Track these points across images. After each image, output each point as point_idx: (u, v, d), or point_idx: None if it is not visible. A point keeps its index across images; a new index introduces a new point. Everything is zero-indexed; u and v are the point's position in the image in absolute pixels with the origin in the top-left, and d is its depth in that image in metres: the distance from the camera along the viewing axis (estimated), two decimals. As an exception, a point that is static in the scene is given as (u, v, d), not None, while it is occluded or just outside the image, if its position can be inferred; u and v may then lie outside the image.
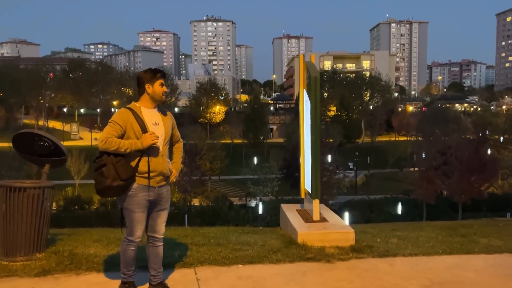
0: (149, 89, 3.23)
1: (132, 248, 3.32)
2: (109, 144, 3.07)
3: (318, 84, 5.26)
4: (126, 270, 3.40)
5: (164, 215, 3.41)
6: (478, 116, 72.16)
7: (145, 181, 3.19)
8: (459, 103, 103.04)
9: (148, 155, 3.18)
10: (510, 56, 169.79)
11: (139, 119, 3.17)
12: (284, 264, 4.35)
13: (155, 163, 3.21)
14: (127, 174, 3.10)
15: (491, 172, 29.16)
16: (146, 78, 3.22)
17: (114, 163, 3.09)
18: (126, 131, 3.15)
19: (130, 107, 3.23)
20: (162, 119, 3.31)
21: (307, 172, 5.77)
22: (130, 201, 3.19)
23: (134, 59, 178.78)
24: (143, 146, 3.12)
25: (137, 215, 3.22)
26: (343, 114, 70.89)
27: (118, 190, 3.13)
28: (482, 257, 4.78)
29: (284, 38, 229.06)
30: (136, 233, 3.26)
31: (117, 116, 3.17)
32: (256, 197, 36.14)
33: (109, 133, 3.10)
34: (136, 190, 3.18)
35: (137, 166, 3.16)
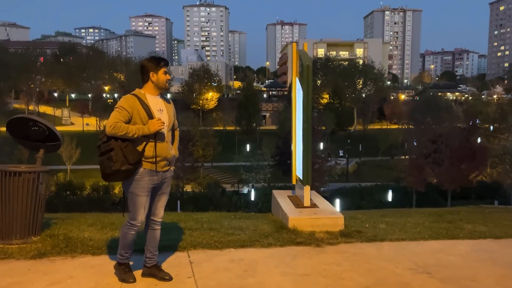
0: (153, 78, 3.30)
1: (133, 232, 3.39)
2: (118, 128, 3.13)
3: (311, 72, 5.33)
4: (124, 252, 3.47)
5: (164, 199, 3.50)
6: (469, 105, 72.64)
7: (151, 166, 3.27)
8: (451, 92, 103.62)
9: (154, 140, 3.27)
10: (502, 46, 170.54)
11: (145, 105, 3.24)
12: (275, 248, 4.48)
13: (161, 148, 3.29)
14: (135, 158, 3.18)
15: (481, 161, 29.52)
16: (150, 66, 3.30)
17: (122, 148, 3.16)
18: (133, 117, 3.21)
19: (136, 94, 3.29)
20: (165, 106, 3.40)
21: (298, 159, 5.87)
22: (136, 185, 3.26)
23: (126, 44, 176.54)
24: (150, 131, 3.20)
25: (142, 199, 3.29)
26: (336, 102, 71.01)
27: (126, 174, 3.20)
28: (467, 242, 4.94)
29: (278, 25, 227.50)
30: (139, 217, 3.33)
31: (124, 102, 3.22)
32: (248, 184, 36.35)
33: (117, 118, 3.16)
34: (142, 174, 3.25)
35: (143, 150, 3.24)
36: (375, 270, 3.87)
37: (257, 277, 3.65)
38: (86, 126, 63.02)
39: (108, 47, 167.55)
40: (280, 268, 3.86)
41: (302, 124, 5.49)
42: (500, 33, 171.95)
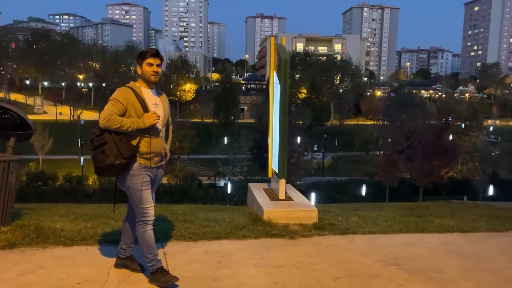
0: (139, 70, 3.23)
1: (150, 228, 3.23)
2: (112, 121, 3.03)
3: (288, 67, 5.37)
4: (151, 256, 3.23)
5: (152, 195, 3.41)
6: (442, 103, 74.52)
7: (145, 161, 3.19)
8: (425, 90, 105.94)
9: (149, 135, 3.18)
10: (475, 46, 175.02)
11: (140, 98, 3.16)
12: (249, 239, 4.52)
13: (156, 144, 3.21)
14: (129, 152, 3.08)
15: (452, 157, 30.37)
16: (138, 60, 3.23)
17: (116, 141, 3.06)
18: (128, 110, 3.12)
19: (130, 86, 3.21)
20: (162, 100, 3.33)
21: (275, 152, 5.92)
22: (135, 180, 3.16)
23: (102, 32, 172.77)
24: (145, 125, 3.11)
25: (146, 192, 3.19)
26: (314, 97, 71.63)
27: (119, 168, 3.10)
28: (435, 236, 5.11)
29: (258, 18, 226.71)
30: (149, 211, 3.20)
31: (119, 95, 3.13)
32: (225, 177, 36.34)
33: (111, 111, 3.06)
34: (139, 169, 3.16)
35: (138, 145, 3.15)
36: (346, 262, 3.97)
37: (231, 268, 3.68)
38: (60, 115, 61.53)
39: (83, 35, 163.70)
40: (254, 260, 3.91)
41: (279, 118, 5.53)
42: (474, 33, 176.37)
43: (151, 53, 3.21)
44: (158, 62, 3.21)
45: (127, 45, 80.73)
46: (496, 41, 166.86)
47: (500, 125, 74.37)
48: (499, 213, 6.95)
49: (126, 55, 77.84)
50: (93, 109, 68.64)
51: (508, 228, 5.65)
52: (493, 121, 78.40)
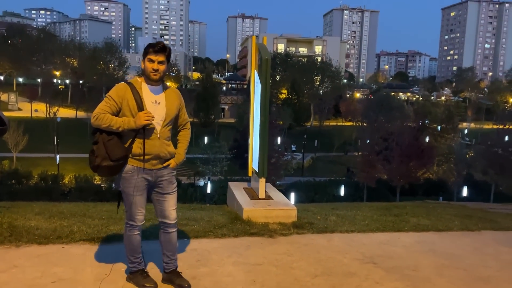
0: (142, 65, 3.03)
1: (136, 232, 3.11)
2: (100, 120, 2.86)
3: (269, 66, 5.38)
4: (133, 258, 3.16)
5: (171, 199, 3.16)
6: (419, 106, 76.00)
7: (139, 163, 2.98)
8: (403, 92, 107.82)
9: (143, 136, 2.95)
10: (451, 50, 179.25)
11: (137, 96, 2.94)
12: (228, 238, 4.52)
13: (150, 145, 2.97)
14: (117, 154, 2.89)
15: (428, 159, 31.01)
16: (143, 54, 3.03)
17: (105, 142, 2.89)
18: (122, 108, 2.92)
19: (131, 82, 3.01)
20: (166, 98, 3.06)
21: (255, 152, 5.93)
22: (126, 184, 2.99)
23: (80, 29, 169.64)
24: (136, 125, 2.88)
25: (135, 198, 3.01)
26: (294, 97, 72.07)
27: (108, 170, 2.93)
28: (411, 235, 5.21)
29: (239, 18, 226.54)
30: (137, 217, 3.06)
31: (113, 92, 2.95)
32: (205, 176, 36.16)
33: (102, 109, 2.89)
34: (131, 172, 2.98)
35: (130, 147, 2.95)
36: (324, 260, 4.01)
37: (210, 266, 3.67)
38: (35, 112, 60.08)
39: (60, 31, 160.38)
40: (233, 258, 3.91)
41: (260, 117, 5.54)
42: (450, 38, 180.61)
43: (153, 49, 2.96)
44: (160, 59, 2.97)
45: (106, 42, 79.40)
46: (472, 46, 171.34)
47: (474, 128, 76.37)
48: (472, 212, 7.14)
49: (104, 52, 76.58)
50: (70, 107, 67.31)
51: (480, 227, 5.81)
52: (468, 124, 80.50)
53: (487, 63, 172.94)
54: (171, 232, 3.20)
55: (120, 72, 77.40)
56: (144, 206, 3.11)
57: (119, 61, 78.32)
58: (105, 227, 4.57)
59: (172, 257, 3.25)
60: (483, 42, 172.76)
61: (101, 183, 29.68)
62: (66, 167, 35.78)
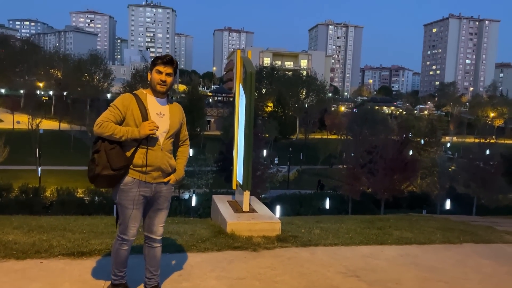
0: (149, 77, 3.05)
1: (126, 247, 3.07)
2: (104, 128, 2.83)
3: (253, 80, 5.41)
4: (118, 272, 3.13)
5: (162, 215, 3.16)
6: (403, 120, 77.08)
7: (140, 175, 2.95)
8: (387, 106, 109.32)
9: (146, 147, 2.93)
10: (434, 65, 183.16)
11: (141, 106, 2.94)
12: (211, 252, 4.47)
13: (153, 156, 2.95)
14: (119, 163, 2.86)
15: (412, 172, 31.33)
16: (150, 66, 3.06)
17: (107, 150, 2.86)
18: (126, 118, 2.92)
19: (136, 93, 3.02)
20: (170, 111, 3.07)
21: (239, 164, 5.92)
22: (124, 196, 2.95)
23: (65, 40, 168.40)
24: (140, 134, 2.87)
25: (131, 212, 2.97)
26: (280, 110, 72.51)
27: (107, 180, 2.89)
28: (394, 248, 5.23)
29: (225, 31, 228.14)
30: (130, 231, 3.03)
31: (119, 101, 2.95)
32: (189, 189, 35.89)
33: (106, 117, 2.88)
34: (130, 184, 2.94)
35: (132, 157, 2.92)
36: (307, 274, 3.99)
37: (192, 281, 3.63)
38: (17, 124, 59.09)
39: (45, 42, 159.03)
40: (216, 272, 3.87)
41: (244, 130, 5.55)
42: (433, 53, 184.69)
43: (162, 60, 2.99)
44: (168, 71, 2.98)
45: (90, 54, 78.96)
46: (453, 61, 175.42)
47: (456, 142, 77.72)
48: (454, 225, 7.22)
49: (89, 63, 76.10)
50: (53, 119, 66.41)
51: (462, 240, 5.87)
52: (450, 138, 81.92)
53: (468, 78, 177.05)
54: (156, 246, 3.20)
55: (105, 84, 76.96)
56: (139, 220, 3.08)
57: (104, 73, 77.90)
58: (85, 241, 4.49)
59: (155, 273, 3.23)
60: (464, 58, 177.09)
61: (84, 195, 29.19)
62: (48, 180, 35.15)
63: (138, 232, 3.12)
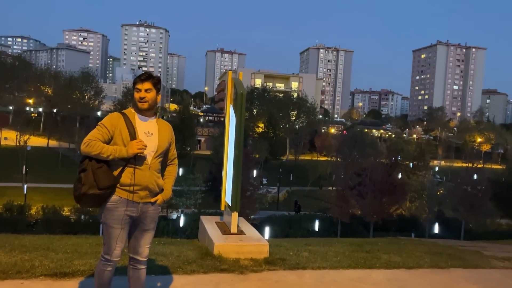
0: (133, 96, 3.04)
1: (110, 268, 3.01)
2: (91, 147, 2.81)
3: (244, 101, 5.44)
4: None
5: (148, 237, 3.11)
6: (392, 143, 77.82)
7: (127, 195, 2.92)
8: (376, 129, 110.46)
9: (134, 166, 2.90)
10: (422, 90, 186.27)
11: (130, 125, 2.93)
12: (198, 274, 4.39)
13: (141, 176, 2.92)
14: (106, 182, 2.83)
15: (401, 195, 31.44)
16: (132, 86, 3.05)
17: (94, 169, 2.83)
18: (114, 137, 2.90)
19: (124, 112, 3.01)
20: (158, 130, 3.05)
21: (228, 185, 5.88)
22: (109, 215, 2.91)
23: (57, 57, 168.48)
24: (128, 153, 2.84)
25: (116, 232, 2.93)
26: (270, 131, 72.79)
27: (94, 199, 2.86)
28: (382, 272, 5.20)
29: (218, 52, 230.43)
30: (115, 252, 2.97)
31: (107, 120, 2.94)
32: (178, 209, 35.49)
33: (94, 136, 2.86)
34: (116, 203, 2.90)
35: (119, 176, 2.89)
36: (295, 298, 3.93)
37: (177, 304, 3.54)
38: (4, 140, 58.35)
39: (36, 59, 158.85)
40: (201, 295, 3.79)
41: (234, 150, 5.54)
42: (421, 78, 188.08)
43: (139, 78, 2.98)
44: (147, 87, 2.95)
45: (82, 71, 78.98)
46: (441, 87, 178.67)
47: (444, 166, 78.38)
48: (442, 250, 7.22)
49: (81, 81, 76.04)
50: (42, 135, 65.78)
51: (450, 265, 5.86)
52: (438, 162, 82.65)
53: (456, 104, 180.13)
54: (140, 268, 3.15)
55: (96, 102, 76.80)
56: (125, 241, 3.03)
57: (95, 91, 77.84)
58: (69, 261, 4.39)
59: None
60: (452, 84, 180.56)
61: (70, 214, 28.70)
62: (34, 197, 34.53)
63: (122, 253, 3.06)
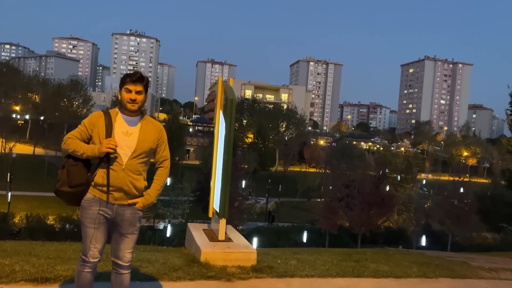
0: (119, 95, 2.99)
1: (87, 270, 2.94)
2: (68, 145, 2.88)
3: (234, 106, 5.42)
4: None
5: (128, 241, 3.01)
6: (380, 155, 78.37)
7: (100, 194, 2.89)
8: (364, 142, 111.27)
9: (108, 166, 2.87)
10: (410, 104, 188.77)
11: (108, 124, 2.90)
12: (184, 281, 4.31)
13: (114, 176, 2.87)
14: (76, 181, 2.85)
15: (388, 207, 31.55)
16: (120, 84, 2.99)
17: (69, 167, 2.89)
18: (92, 136, 2.90)
19: (107, 111, 2.99)
20: (141, 130, 2.96)
21: (216, 191, 5.82)
22: (84, 214, 2.91)
23: (46, 65, 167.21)
24: (98, 152, 2.83)
25: (90, 231, 2.89)
26: (260, 142, 72.85)
27: (67, 196, 2.90)
28: (370, 281, 5.16)
29: (208, 63, 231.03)
30: (90, 252, 2.90)
31: (87, 118, 2.98)
32: (165, 219, 35.11)
33: (72, 134, 2.91)
34: (89, 201, 2.89)
35: (93, 175, 2.89)
36: (283, 305, 3.87)
37: (162, 311, 3.46)
38: (-12, 146, 57.31)
39: (25, 66, 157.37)
40: (187, 302, 3.71)
41: (223, 155, 5.50)
42: (409, 92, 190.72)
43: (131, 78, 2.92)
44: (138, 89, 2.91)
45: (71, 79, 78.39)
46: (429, 101, 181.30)
47: (432, 179, 79.14)
48: (430, 260, 7.21)
49: (69, 89, 75.42)
50: (28, 143, 64.86)
51: (438, 274, 5.85)
52: (426, 175, 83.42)
53: (443, 118, 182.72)
54: (123, 273, 3.07)
55: (84, 110, 76.14)
56: (101, 242, 2.95)
57: (84, 99, 77.23)
58: (51, 266, 4.27)
59: None
60: (439, 98, 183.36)
61: (54, 223, 28.18)
62: (18, 205, 33.87)
63: (100, 254, 2.98)
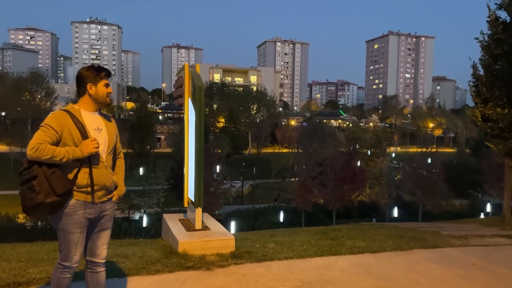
0: (91, 90, 2.82)
1: (68, 275, 2.84)
2: (41, 151, 2.59)
3: (202, 94, 5.32)
4: None
5: (105, 236, 2.97)
6: (350, 132, 79.67)
7: (85, 196, 2.77)
8: (334, 120, 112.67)
9: (89, 166, 2.76)
10: (376, 79, 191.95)
11: (78, 123, 2.75)
12: (163, 274, 4.27)
13: (98, 175, 2.79)
14: (63, 187, 2.66)
15: (360, 182, 32.32)
16: (88, 77, 2.82)
17: (47, 175, 2.63)
18: (63, 138, 2.70)
19: (68, 110, 2.80)
20: (105, 124, 2.92)
21: (190, 181, 5.76)
22: (68, 220, 2.74)
23: (3, 58, 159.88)
24: (83, 154, 2.69)
25: (76, 236, 2.77)
26: (231, 126, 72.60)
27: (51, 207, 2.66)
28: (348, 258, 5.27)
29: (174, 48, 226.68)
30: (74, 258, 2.81)
31: (52, 120, 2.70)
32: (140, 210, 34.75)
33: (42, 139, 2.63)
34: (74, 207, 2.74)
35: (75, 178, 2.73)
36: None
37: (142, 306, 3.41)
38: None
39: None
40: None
41: (195, 145, 5.41)
42: (375, 68, 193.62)
43: (106, 73, 2.86)
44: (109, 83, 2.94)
45: (31, 72, 75.31)
46: (394, 76, 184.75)
47: (401, 152, 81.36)
48: (404, 232, 7.43)
49: (30, 82, 72.52)
50: (-10, 141, 62.37)
51: (412, 246, 6.04)
52: (395, 148, 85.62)
53: (409, 91, 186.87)
54: (99, 271, 2.99)
55: (48, 103, 73.58)
56: (83, 244, 2.87)
57: (46, 92, 74.50)
58: (23, 270, 4.13)
59: None
60: (404, 72, 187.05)
61: (25, 221, 27.40)
62: (-16, 206, 32.71)
63: (81, 257, 2.91)
